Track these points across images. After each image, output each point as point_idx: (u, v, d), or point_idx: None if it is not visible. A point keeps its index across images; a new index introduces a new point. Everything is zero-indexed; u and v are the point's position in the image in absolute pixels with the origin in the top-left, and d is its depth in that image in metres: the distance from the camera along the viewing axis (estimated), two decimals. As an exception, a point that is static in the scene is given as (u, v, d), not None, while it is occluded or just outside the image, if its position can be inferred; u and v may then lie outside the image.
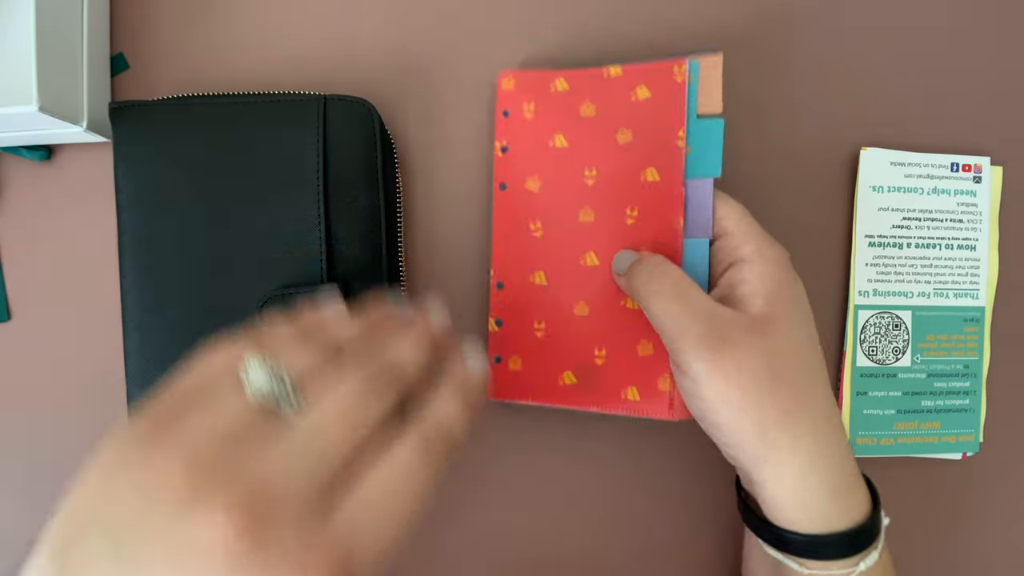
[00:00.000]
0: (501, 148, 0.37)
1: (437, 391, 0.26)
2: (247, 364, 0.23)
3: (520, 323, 0.37)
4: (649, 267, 0.33)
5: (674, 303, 0.32)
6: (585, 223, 0.36)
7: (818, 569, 0.31)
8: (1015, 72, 0.43)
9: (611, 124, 0.36)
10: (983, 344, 0.42)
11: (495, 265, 0.37)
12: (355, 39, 0.39)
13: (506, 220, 0.37)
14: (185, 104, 0.35)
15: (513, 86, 0.37)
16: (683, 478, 0.41)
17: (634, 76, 0.35)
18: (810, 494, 0.31)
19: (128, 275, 0.34)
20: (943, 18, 0.42)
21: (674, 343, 0.31)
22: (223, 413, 0.22)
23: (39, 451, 0.38)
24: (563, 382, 0.37)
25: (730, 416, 0.31)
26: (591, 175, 0.36)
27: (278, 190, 0.34)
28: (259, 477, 0.20)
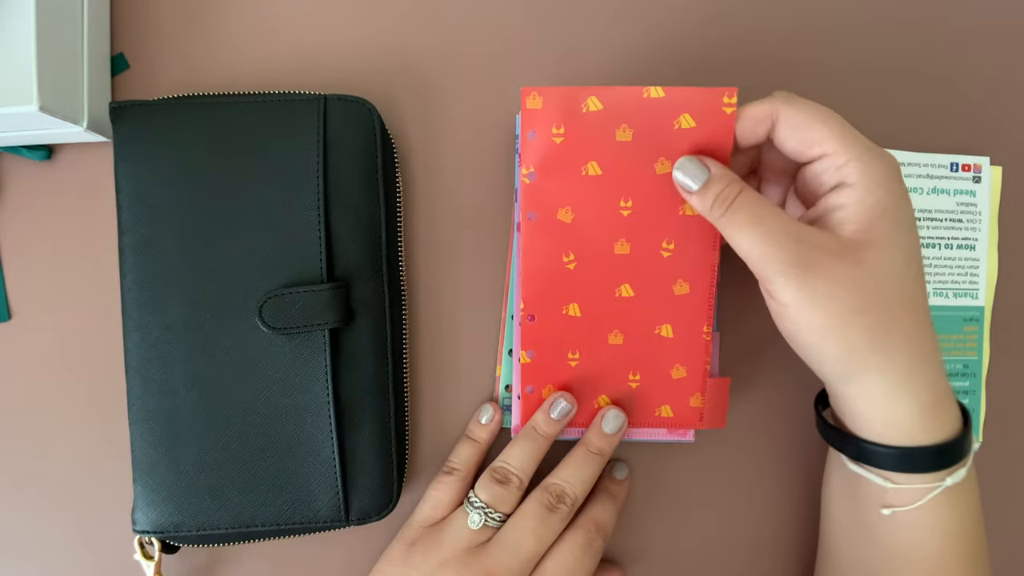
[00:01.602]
0: (527, 174, 0.34)
1: (596, 497, 0.37)
2: (467, 503, 0.35)
3: (553, 355, 0.36)
4: (725, 192, 0.32)
5: (755, 230, 0.30)
6: (620, 255, 0.35)
7: (904, 483, 0.32)
8: (1015, 72, 0.43)
9: (649, 152, 0.34)
10: (982, 344, 0.42)
11: (526, 299, 0.36)
12: (355, 39, 0.39)
13: (537, 252, 0.35)
14: (185, 104, 0.35)
15: (540, 105, 0.33)
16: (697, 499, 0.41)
17: (678, 101, 0.33)
18: (900, 411, 0.31)
19: (128, 275, 0.34)
20: (943, 18, 0.42)
21: (761, 270, 0.31)
22: (461, 534, 0.35)
23: (39, 451, 0.38)
24: (597, 405, 0.37)
25: (818, 339, 0.31)
26: (627, 206, 0.35)
27: (278, 190, 0.34)
28: (488, 570, 0.33)
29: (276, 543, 0.39)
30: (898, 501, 0.32)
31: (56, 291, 0.38)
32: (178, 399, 0.34)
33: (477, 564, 0.33)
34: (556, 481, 0.35)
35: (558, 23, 0.40)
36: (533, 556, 0.34)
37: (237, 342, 0.34)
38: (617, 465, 0.39)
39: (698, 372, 0.37)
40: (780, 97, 0.32)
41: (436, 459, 0.39)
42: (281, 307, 0.34)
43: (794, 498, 0.41)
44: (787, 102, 0.32)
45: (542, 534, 0.34)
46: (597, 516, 0.36)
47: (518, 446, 0.36)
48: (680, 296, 0.36)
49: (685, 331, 0.36)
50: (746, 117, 0.32)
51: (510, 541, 0.34)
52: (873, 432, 0.32)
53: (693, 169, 0.32)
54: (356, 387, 0.35)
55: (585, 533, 0.35)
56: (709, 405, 0.37)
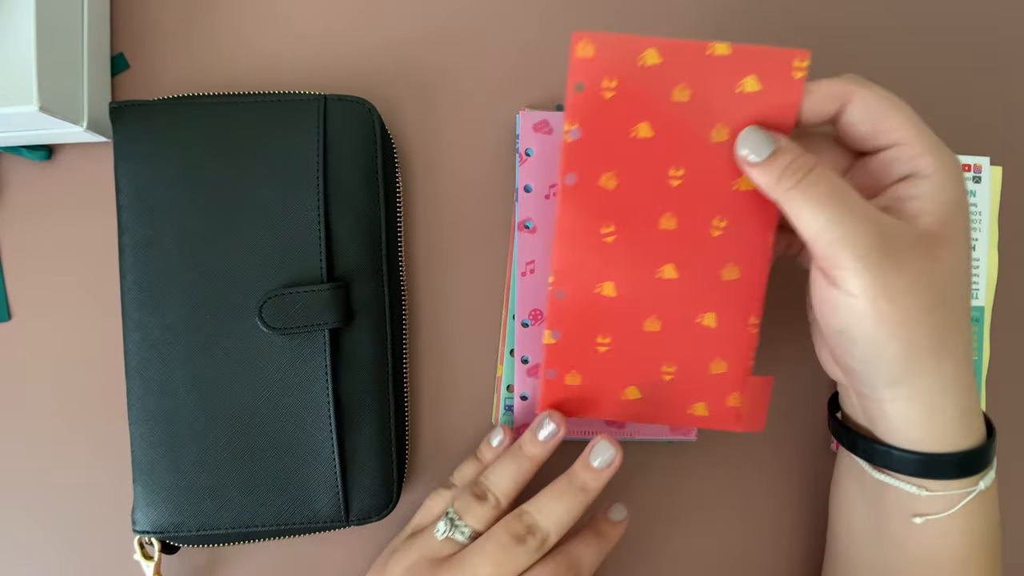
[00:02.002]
0: (570, 131, 0.31)
1: (582, 534, 0.34)
2: (445, 516, 0.33)
3: (581, 337, 0.33)
4: (797, 163, 0.29)
5: (837, 211, 0.28)
6: (665, 231, 0.32)
7: (939, 490, 0.31)
8: (1015, 72, 0.43)
9: (707, 117, 0.30)
10: (982, 344, 0.42)
11: (557, 271, 0.32)
12: (355, 39, 0.39)
13: (573, 220, 0.32)
14: (185, 104, 0.35)
15: (592, 54, 0.30)
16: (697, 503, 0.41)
17: (744, 60, 0.30)
18: (943, 415, 0.30)
19: (128, 275, 0.34)
20: (942, 18, 0.42)
21: (832, 254, 0.28)
22: (430, 543, 0.33)
23: (39, 451, 0.38)
24: (626, 397, 0.34)
25: (880, 334, 0.28)
26: (677, 175, 0.31)
27: (278, 190, 0.34)
28: None
29: (276, 543, 0.39)
30: (932, 508, 0.31)
31: (56, 291, 0.38)
32: (178, 399, 0.34)
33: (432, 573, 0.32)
34: (530, 511, 0.32)
35: (559, 23, 0.40)
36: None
37: (237, 342, 0.34)
38: (615, 506, 0.35)
39: (740, 368, 0.33)
40: (853, 79, 0.30)
41: (436, 459, 0.39)
42: (281, 307, 0.34)
43: (798, 499, 0.41)
44: (862, 84, 0.30)
45: (502, 563, 0.31)
46: (575, 554, 0.33)
47: (501, 465, 0.34)
48: (728, 282, 0.32)
49: (730, 321, 0.33)
50: (817, 91, 0.30)
51: (469, 563, 0.31)
52: (911, 439, 0.30)
53: (758, 139, 0.30)
54: (356, 387, 0.35)
55: (555, 570, 0.32)
56: (747, 405, 0.34)
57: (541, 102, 0.40)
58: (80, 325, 0.38)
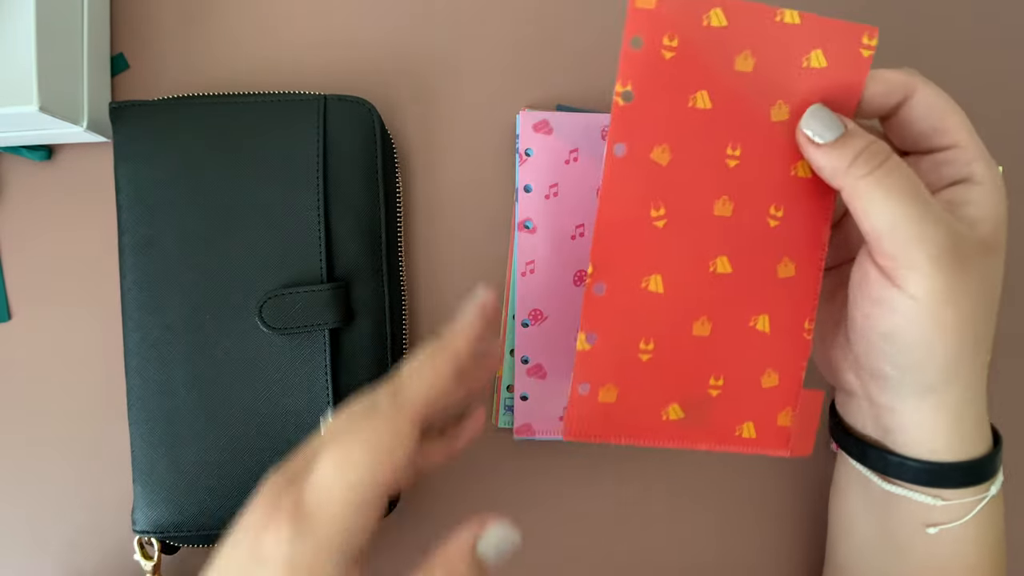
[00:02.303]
0: (623, 94, 0.28)
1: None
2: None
3: (622, 341, 0.29)
4: (873, 150, 0.27)
5: (914, 206, 0.26)
6: (720, 218, 0.29)
7: (954, 498, 0.30)
8: (1015, 72, 0.43)
9: (769, 90, 0.28)
10: (983, 344, 0.42)
11: (596, 260, 0.29)
12: (355, 39, 0.39)
13: (620, 198, 0.28)
14: (185, 104, 0.35)
15: (653, 5, 0.27)
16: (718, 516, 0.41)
17: (813, 32, 0.27)
18: (964, 423, 0.30)
19: (128, 275, 0.34)
20: (943, 19, 0.42)
21: (902, 252, 0.26)
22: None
23: (39, 451, 0.38)
24: (667, 416, 0.30)
25: (933, 340, 0.27)
26: (734, 155, 0.28)
27: (278, 190, 0.34)
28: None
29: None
30: (946, 518, 0.31)
31: (56, 291, 0.38)
32: (178, 399, 0.34)
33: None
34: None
35: (560, 23, 0.40)
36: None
37: (237, 342, 0.34)
38: (497, 532, 0.26)
39: (793, 380, 0.30)
40: (914, 73, 0.29)
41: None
42: (281, 307, 0.34)
43: (794, 503, 0.41)
44: (924, 81, 0.29)
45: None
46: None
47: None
48: (784, 280, 0.29)
49: (785, 326, 0.30)
50: (880, 80, 0.28)
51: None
52: (931, 449, 0.30)
53: (825, 119, 0.27)
54: (356, 387, 0.35)
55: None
56: (797, 425, 0.31)
57: (541, 102, 0.40)
58: (80, 325, 0.38)
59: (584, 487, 0.40)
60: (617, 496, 0.40)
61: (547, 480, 0.40)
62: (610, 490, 0.40)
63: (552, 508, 0.40)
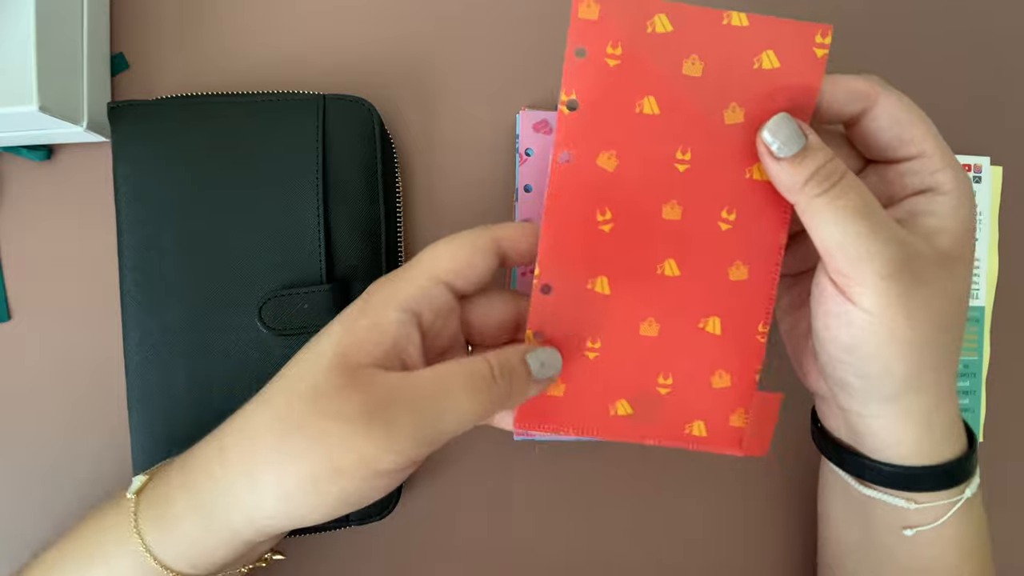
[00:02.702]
0: (568, 103, 0.28)
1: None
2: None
3: (568, 340, 0.30)
4: (828, 169, 0.27)
5: (863, 223, 0.26)
6: (669, 221, 0.29)
7: (927, 501, 0.31)
8: (1015, 72, 0.43)
9: (720, 95, 0.28)
10: (983, 344, 0.42)
11: (543, 262, 0.29)
12: (355, 39, 0.39)
13: (565, 204, 0.29)
14: (185, 104, 0.35)
15: (596, 15, 0.27)
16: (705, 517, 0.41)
17: (763, 33, 0.27)
18: (934, 429, 0.30)
19: (128, 275, 0.34)
20: (943, 18, 0.42)
21: (853, 270, 0.26)
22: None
23: (39, 451, 0.38)
24: (614, 412, 0.31)
25: (891, 353, 0.27)
26: (684, 159, 0.28)
27: (277, 190, 0.34)
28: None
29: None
30: (922, 520, 0.31)
31: (56, 291, 0.38)
32: (178, 400, 0.34)
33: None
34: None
35: (560, 23, 0.40)
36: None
37: (237, 343, 0.34)
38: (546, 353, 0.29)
39: (745, 382, 0.30)
40: (877, 80, 0.28)
41: (438, 460, 0.39)
42: (281, 308, 0.34)
43: (784, 507, 0.41)
44: (887, 88, 0.28)
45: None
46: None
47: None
48: (736, 283, 0.29)
49: (737, 328, 0.30)
50: (840, 86, 0.28)
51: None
52: (900, 454, 0.30)
53: (789, 131, 0.27)
54: (356, 387, 0.35)
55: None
56: (752, 426, 0.31)
57: (541, 102, 0.40)
58: (80, 325, 0.38)
59: (587, 487, 0.40)
60: (618, 496, 0.40)
61: (549, 480, 0.40)
62: (612, 489, 0.40)
63: (555, 508, 0.40)
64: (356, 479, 0.25)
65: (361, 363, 0.26)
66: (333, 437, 0.25)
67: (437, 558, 0.39)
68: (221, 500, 0.26)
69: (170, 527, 0.27)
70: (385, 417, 0.25)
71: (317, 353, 0.27)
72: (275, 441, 0.26)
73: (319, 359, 0.27)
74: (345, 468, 0.25)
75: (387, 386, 0.26)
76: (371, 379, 0.26)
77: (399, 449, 0.25)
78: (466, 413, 0.27)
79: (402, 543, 0.39)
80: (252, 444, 0.26)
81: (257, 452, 0.26)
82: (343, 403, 0.25)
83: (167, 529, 0.27)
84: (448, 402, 0.26)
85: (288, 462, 0.25)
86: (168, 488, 0.28)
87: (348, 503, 0.26)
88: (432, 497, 0.39)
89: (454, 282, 0.28)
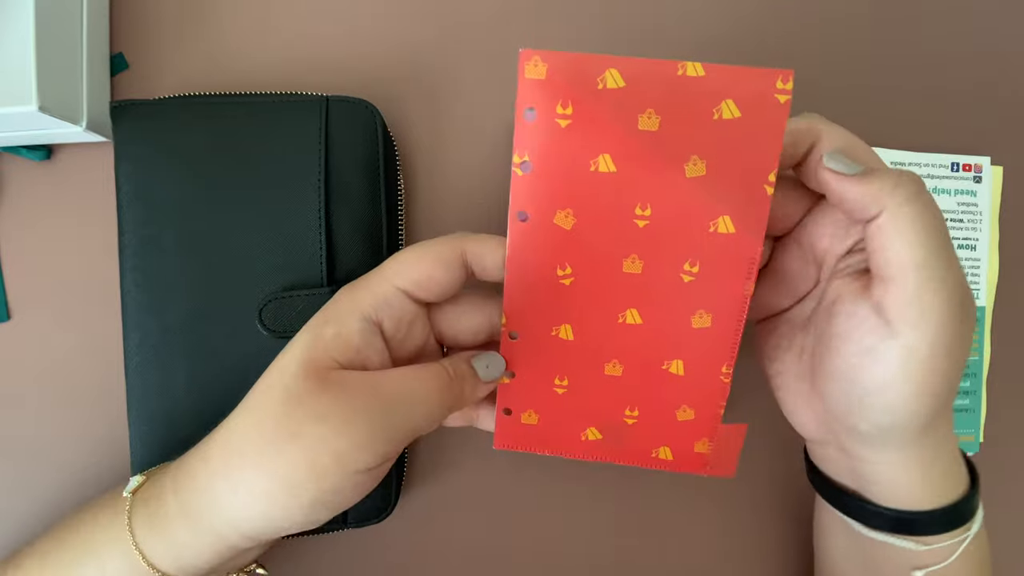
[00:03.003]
0: (520, 164, 0.27)
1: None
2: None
3: (537, 379, 0.31)
4: (909, 178, 0.26)
5: (945, 247, 0.25)
6: (630, 275, 0.29)
7: (937, 542, 0.30)
8: (1015, 72, 0.43)
9: (679, 148, 0.27)
10: (983, 344, 0.42)
11: (507, 312, 0.30)
12: (358, 40, 0.39)
13: (525, 260, 0.29)
14: (188, 104, 0.35)
15: (543, 75, 0.26)
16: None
17: (720, 82, 0.26)
18: (938, 471, 0.29)
19: (128, 275, 0.34)
20: (943, 18, 0.42)
21: (924, 295, 0.25)
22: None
23: (39, 451, 0.38)
24: (586, 437, 0.32)
25: (922, 395, 0.26)
26: (644, 215, 0.28)
27: (279, 191, 0.34)
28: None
29: (274, 545, 0.39)
30: (932, 560, 0.30)
31: (56, 291, 0.38)
32: (177, 401, 0.34)
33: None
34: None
35: (562, 24, 0.40)
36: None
37: (237, 345, 0.34)
38: (489, 356, 0.31)
39: (709, 417, 0.31)
40: (817, 118, 0.28)
41: (436, 463, 0.39)
42: (281, 310, 0.34)
43: (795, 509, 0.41)
44: (827, 124, 0.28)
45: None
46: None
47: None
48: (699, 330, 0.30)
49: (699, 370, 0.30)
50: (787, 132, 0.27)
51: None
52: (909, 500, 0.29)
53: (846, 158, 0.27)
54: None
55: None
56: (717, 452, 0.32)
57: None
58: (80, 325, 0.38)
59: (587, 488, 0.40)
60: (620, 498, 0.40)
61: (548, 482, 0.40)
62: (609, 495, 0.40)
63: (553, 511, 0.40)
64: (333, 479, 0.26)
65: (330, 367, 0.27)
66: (309, 438, 0.25)
67: (434, 561, 0.39)
68: (205, 504, 0.27)
69: (160, 528, 0.28)
70: (359, 415, 0.26)
71: (288, 360, 0.28)
72: (253, 446, 0.26)
73: (290, 365, 0.27)
74: (321, 468, 0.25)
75: (358, 386, 0.27)
76: (342, 380, 0.27)
77: (374, 447, 0.26)
78: (433, 411, 0.28)
79: (400, 546, 0.39)
80: (232, 450, 0.27)
81: (236, 458, 0.27)
82: (316, 404, 0.26)
83: (157, 530, 0.28)
84: (416, 400, 0.28)
85: (266, 465, 0.26)
86: (161, 490, 0.29)
87: (325, 505, 0.26)
88: (429, 500, 0.39)
89: (415, 292, 0.29)
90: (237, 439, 0.27)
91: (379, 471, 0.28)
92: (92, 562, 0.29)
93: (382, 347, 0.29)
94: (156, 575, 0.28)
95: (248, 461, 0.26)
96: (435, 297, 0.30)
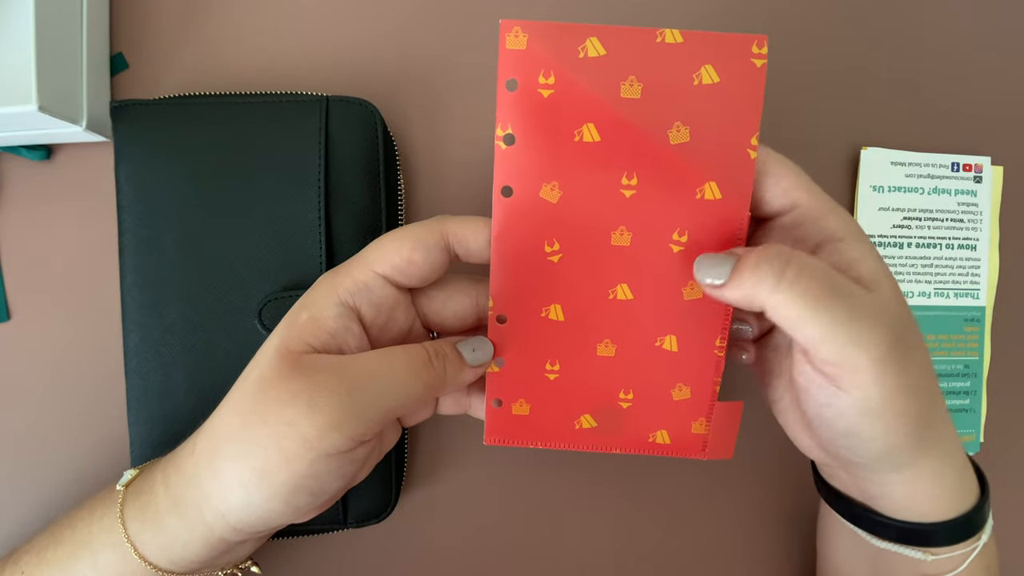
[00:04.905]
0: (504, 137, 0.28)
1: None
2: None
3: (527, 364, 0.31)
4: (770, 258, 0.25)
5: (835, 306, 0.24)
6: (618, 248, 0.29)
7: (945, 553, 0.30)
8: (1015, 72, 0.43)
9: (662, 115, 0.27)
10: (983, 344, 0.42)
11: (495, 295, 0.29)
12: (357, 40, 0.39)
13: (511, 238, 0.29)
14: (188, 103, 0.35)
15: (524, 45, 0.26)
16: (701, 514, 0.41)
17: (699, 48, 0.26)
18: (946, 484, 0.29)
19: (128, 275, 0.34)
20: (944, 18, 0.42)
21: (843, 358, 0.25)
22: None
23: (38, 452, 0.38)
24: (580, 426, 0.32)
25: (894, 430, 0.26)
26: (630, 185, 0.28)
27: (279, 191, 0.34)
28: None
29: (273, 545, 0.39)
30: (941, 570, 0.30)
31: (56, 291, 0.38)
32: (177, 401, 0.34)
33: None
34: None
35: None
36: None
37: (237, 345, 0.34)
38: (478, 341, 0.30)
39: (705, 394, 0.31)
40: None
41: (434, 463, 0.39)
42: (281, 311, 0.33)
43: (793, 508, 0.41)
44: (760, 146, 0.28)
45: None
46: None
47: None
48: (691, 302, 0.29)
49: (694, 344, 0.30)
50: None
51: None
52: (917, 513, 0.29)
53: (714, 263, 0.27)
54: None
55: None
56: (714, 432, 0.32)
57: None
58: (80, 325, 0.38)
59: (588, 486, 0.40)
60: (614, 498, 0.40)
61: (549, 481, 0.40)
62: (609, 494, 0.40)
63: (554, 509, 0.40)
64: (302, 462, 0.26)
65: (303, 352, 0.27)
66: (278, 424, 0.26)
67: (434, 561, 0.39)
68: (193, 496, 0.27)
69: (151, 520, 0.28)
70: (325, 397, 0.26)
71: (266, 346, 0.28)
72: (232, 434, 0.27)
73: (266, 352, 0.28)
74: (290, 451, 0.25)
75: (327, 368, 0.27)
76: (313, 363, 0.27)
77: (342, 428, 0.26)
78: (405, 391, 0.28)
79: (400, 545, 0.39)
80: (215, 440, 0.27)
81: (218, 447, 0.27)
82: (283, 389, 0.26)
83: (148, 522, 0.28)
84: (388, 380, 0.27)
85: (244, 452, 0.26)
86: (152, 483, 0.29)
87: (303, 491, 0.26)
88: (429, 500, 0.39)
89: (395, 277, 0.29)
90: (220, 428, 0.27)
91: (355, 454, 0.27)
92: (86, 555, 0.29)
93: (360, 332, 0.29)
94: (147, 567, 0.28)
95: (228, 450, 0.26)
96: (417, 282, 0.29)
